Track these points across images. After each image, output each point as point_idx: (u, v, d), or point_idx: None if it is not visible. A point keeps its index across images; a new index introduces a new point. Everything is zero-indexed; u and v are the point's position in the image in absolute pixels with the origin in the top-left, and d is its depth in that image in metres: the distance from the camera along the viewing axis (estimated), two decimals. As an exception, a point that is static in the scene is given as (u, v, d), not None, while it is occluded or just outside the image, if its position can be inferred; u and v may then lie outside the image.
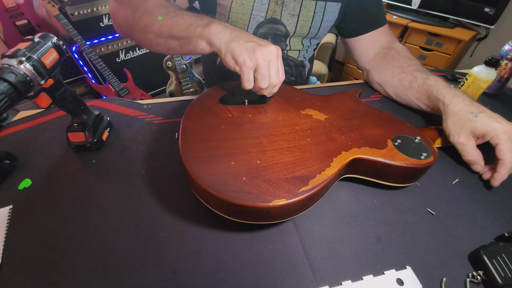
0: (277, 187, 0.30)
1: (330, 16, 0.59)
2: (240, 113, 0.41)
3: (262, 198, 0.28)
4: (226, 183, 0.29)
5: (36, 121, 0.52)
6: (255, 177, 0.30)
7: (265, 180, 0.30)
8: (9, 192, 0.38)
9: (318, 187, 0.30)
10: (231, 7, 0.55)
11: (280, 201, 0.28)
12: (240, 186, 0.29)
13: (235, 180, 0.30)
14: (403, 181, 0.39)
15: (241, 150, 0.34)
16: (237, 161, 0.32)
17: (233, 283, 0.30)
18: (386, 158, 0.36)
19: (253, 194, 0.29)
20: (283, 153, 0.34)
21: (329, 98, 0.48)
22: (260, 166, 0.32)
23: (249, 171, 0.31)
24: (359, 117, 0.43)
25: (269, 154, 0.34)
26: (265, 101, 0.44)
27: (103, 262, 0.31)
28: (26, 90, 0.31)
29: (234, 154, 0.33)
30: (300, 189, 0.30)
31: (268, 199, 0.28)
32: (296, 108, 0.43)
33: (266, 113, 0.42)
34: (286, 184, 0.30)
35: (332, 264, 0.32)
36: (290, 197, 0.29)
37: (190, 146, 0.34)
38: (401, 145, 0.38)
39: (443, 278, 0.31)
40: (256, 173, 0.31)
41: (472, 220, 0.37)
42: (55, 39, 0.36)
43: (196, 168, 0.31)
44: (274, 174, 0.31)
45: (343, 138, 0.38)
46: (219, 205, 0.30)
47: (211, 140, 0.35)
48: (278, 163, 0.33)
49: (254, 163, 0.32)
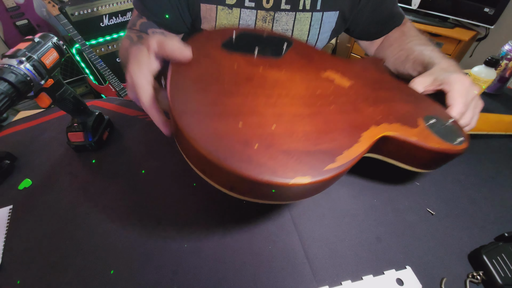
0: (298, 161, 0.24)
1: (328, 27, 0.56)
2: (249, 65, 0.33)
3: (281, 173, 0.23)
4: (233, 150, 0.23)
5: (36, 121, 0.52)
6: (270, 146, 0.24)
7: (282, 150, 0.24)
8: (9, 192, 0.38)
9: (346, 165, 0.25)
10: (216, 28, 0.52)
11: (304, 178, 0.23)
12: (251, 155, 0.23)
13: (245, 147, 0.24)
14: (427, 167, 0.35)
15: (251, 110, 0.27)
16: (246, 123, 0.26)
17: (233, 283, 0.30)
18: (420, 139, 0.31)
19: (268, 167, 0.23)
20: (304, 119, 0.28)
21: (352, 63, 0.42)
22: (276, 132, 0.26)
23: (262, 137, 0.25)
24: (386, 88, 0.38)
25: (287, 119, 0.27)
26: (280, 54, 0.37)
27: (103, 262, 0.31)
28: (26, 90, 0.31)
29: (242, 114, 0.26)
30: (327, 166, 0.24)
31: (289, 175, 0.23)
32: (316, 69, 0.36)
33: (280, 68, 0.34)
34: (308, 158, 0.25)
35: (332, 264, 0.32)
36: (315, 174, 0.23)
37: (184, 96, 0.26)
38: (434, 126, 0.33)
39: (443, 278, 0.31)
40: (272, 141, 0.25)
41: (472, 220, 0.37)
42: (55, 39, 0.36)
43: (193, 126, 0.24)
44: (293, 145, 0.25)
45: (371, 111, 0.33)
46: (221, 177, 0.24)
47: (212, 92, 0.28)
48: (298, 132, 0.27)
49: (268, 128, 0.26)
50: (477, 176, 0.43)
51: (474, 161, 0.46)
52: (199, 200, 0.37)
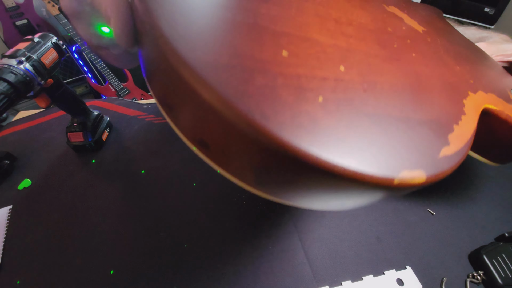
0: (397, 141, 0.14)
1: None
2: None
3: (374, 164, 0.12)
4: (273, 97, 0.11)
5: (36, 121, 0.52)
6: (344, 103, 0.13)
7: (367, 114, 0.14)
8: (9, 192, 0.38)
9: (463, 151, 0.16)
10: None
11: (415, 173, 0.13)
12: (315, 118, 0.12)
13: (298, 100, 0.12)
14: (503, 159, 0.28)
15: (299, 29, 0.15)
16: (293, 52, 0.13)
17: (233, 283, 0.30)
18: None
19: (351, 147, 0.12)
20: (383, 65, 0.17)
21: (414, 5, 0.30)
22: (348, 79, 0.14)
23: (327, 83, 0.13)
24: (462, 45, 0.29)
25: (358, 59, 0.16)
26: None
27: (103, 262, 0.31)
28: (25, 90, 0.31)
29: (285, 35, 0.14)
30: (441, 150, 0.15)
31: (391, 166, 0.12)
32: (376, 1, 0.24)
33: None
34: (409, 133, 0.15)
35: (332, 264, 0.32)
36: (428, 167, 0.14)
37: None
38: None
39: (443, 278, 0.31)
40: (346, 94, 0.14)
41: (472, 220, 0.37)
42: (55, 39, 0.36)
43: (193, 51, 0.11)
44: (379, 104, 0.15)
45: (459, 69, 0.23)
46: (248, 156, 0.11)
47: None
48: (383, 84, 0.16)
49: (334, 69, 0.14)
50: (478, 176, 0.43)
51: (474, 161, 0.45)
52: (199, 200, 0.37)
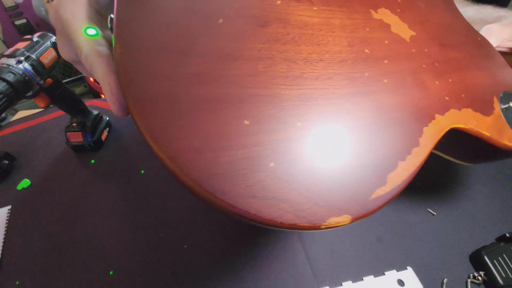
0: (332, 187, 0.14)
1: None
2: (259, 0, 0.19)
3: (311, 213, 0.13)
4: (232, 172, 0.13)
5: (35, 121, 0.51)
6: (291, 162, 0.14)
7: (310, 170, 0.14)
8: (8, 192, 0.38)
9: (400, 186, 0.16)
10: None
11: (342, 219, 0.14)
12: (264, 184, 0.13)
13: (254, 166, 0.13)
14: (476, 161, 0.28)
15: (267, 89, 0.15)
16: (255, 118, 0.14)
17: (233, 283, 0.29)
18: (493, 134, 0.22)
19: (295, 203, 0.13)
20: (345, 107, 0.17)
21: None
22: (299, 135, 0.15)
23: (280, 146, 0.14)
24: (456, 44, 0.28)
25: (318, 108, 0.16)
26: None
27: (103, 262, 0.31)
28: (24, 90, 0.31)
29: (253, 97, 0.15)
30: (374, 192, 0.16)
31: (321, 215, 0.13)
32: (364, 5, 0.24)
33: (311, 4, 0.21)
34: (347, 179, 0.15)
35: (332, 264, 0.32)
36: (355, 211, 0.14)
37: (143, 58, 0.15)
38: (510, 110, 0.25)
39: (444, 278, 0.31)
40: (293, 153, 0.14)
41: (473, 221, 0.37)
42: (54, 38, 0.36)
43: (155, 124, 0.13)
44: (327, 158, 0.15)
45: (437, 86, 0.22)
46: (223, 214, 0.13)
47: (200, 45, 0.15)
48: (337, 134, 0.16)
49: (292, 127, 0.15)
50: (478, 176, 0.43)
51: (474, 161, 0.45)
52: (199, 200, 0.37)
